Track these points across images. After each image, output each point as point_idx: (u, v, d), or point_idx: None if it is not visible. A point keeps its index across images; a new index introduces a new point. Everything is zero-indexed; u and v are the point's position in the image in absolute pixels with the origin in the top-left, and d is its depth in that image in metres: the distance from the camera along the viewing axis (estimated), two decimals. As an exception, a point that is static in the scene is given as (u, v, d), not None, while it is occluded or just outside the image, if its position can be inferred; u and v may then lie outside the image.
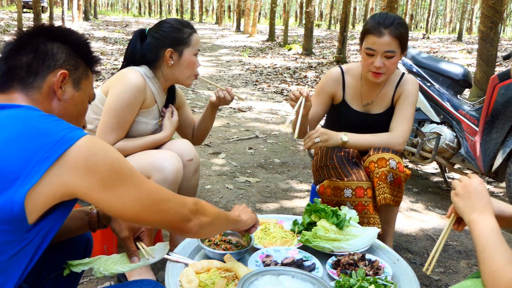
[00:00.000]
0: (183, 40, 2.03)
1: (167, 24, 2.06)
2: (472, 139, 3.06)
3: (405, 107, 2.17)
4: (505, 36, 26.93)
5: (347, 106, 2.26)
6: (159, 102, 2.10)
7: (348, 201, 2.00)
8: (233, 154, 4.16)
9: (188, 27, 2.07)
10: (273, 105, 6.66)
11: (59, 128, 0.94)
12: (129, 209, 1.00)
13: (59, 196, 0.93)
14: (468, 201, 1.15)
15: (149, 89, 2.02)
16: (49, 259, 1.25)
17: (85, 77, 1.15)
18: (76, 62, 1.12)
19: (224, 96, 2.20)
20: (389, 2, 8.23)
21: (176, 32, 2.03)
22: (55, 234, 0.99)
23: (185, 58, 2.04)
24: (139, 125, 2.02)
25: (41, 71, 1.06)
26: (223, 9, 33.39)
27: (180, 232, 1.13)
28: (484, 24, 5.51)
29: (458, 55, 13.37)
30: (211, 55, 13.44)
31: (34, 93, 1.05)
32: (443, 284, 2.18)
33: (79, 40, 1.14)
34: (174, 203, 1.09)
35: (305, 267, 1.55)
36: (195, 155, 2.07)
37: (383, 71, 2.06)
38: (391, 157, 1.99)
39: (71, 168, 0.91)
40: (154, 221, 1.07)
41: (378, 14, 2.08)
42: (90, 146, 0.94)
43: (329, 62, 11.74)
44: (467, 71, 3.34)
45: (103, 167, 0.95)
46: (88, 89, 1.17)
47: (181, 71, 2.07)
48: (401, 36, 2.03)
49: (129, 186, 0.99)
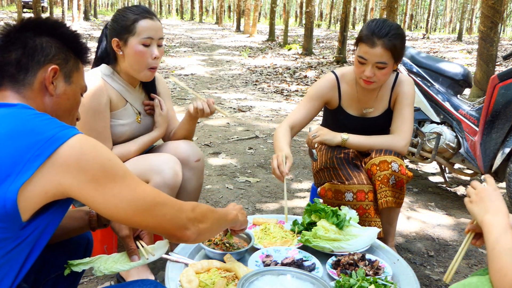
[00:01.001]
0: (127, 27, 1.81)
1: (118, 12, 1.87)
2: (472, 139, 3.06)
3: (404, 108, 2.16)
4: (505, 36, 26.91)
5: (344, 112, 2.24)
6: (131, 99, 1.97)
7: (349, 204, 2.00)
8: (233, 154, 4.16)
9: (135, 13, 1.82)
10: (273, 105, 6.66)
11: (51, 126, 0.94)
12: (121, 211, 0.98)
13: (52, 194, 0.92)
14: (482, 205, 1.16)
15: (112, 89, 1.90)
16: (49, 259, 1.25)
17: (75, 70, 1.13)
18: (66, 56, 1.10)
19: (202, 108, 1.97)
20: (389, 2, 8.23)
21: (121, 19, 1.83)
22: (52, 233, 0.99)
23: (130, 48, 1.82)
24: (115, 128, 1.93)
25: (31, 67, 1.04)
26: (223, 9, 33.39)
27: (177, 239, 1.10)
28: (484, 24, 5.51)
29: (458, 55, 13.37)
30: (211, 55, 13.43)
31: (26, 90, 1.04)
32: (443, 284, 2.18)
33: (67, 32, 1.12)
34: (171, 208, 1.06)
35: (305, 267, 1.55)
36: (201, 155, 2.05)
37: (374, 80, 2.04)
38: (393, 160, 1.99)
39: (63, 167, 0.91)
40: (149, 225, 1.04)
41: (374, 22, 2.03)
42: (81, 145, 0.94)
43: (329, 62, 11.74)
44: (467, 71, 3.34)
45: (95, 166, 0.93)
46: (79, 81, 1.15)
47: (130, 63, 1.86)
48: (394, 48, 1.98)
49: (122, 187, 0.97)
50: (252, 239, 1.72)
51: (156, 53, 1.85)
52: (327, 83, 2.22)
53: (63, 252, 1.29)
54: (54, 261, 1.27)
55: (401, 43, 2.02)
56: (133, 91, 1.98)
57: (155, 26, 1.85)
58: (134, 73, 1.89)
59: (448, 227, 2.82)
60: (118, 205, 0.97)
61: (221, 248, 1.66)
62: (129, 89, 1.96)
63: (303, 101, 2.23)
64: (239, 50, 14.93)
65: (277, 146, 2.03)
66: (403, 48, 2.05)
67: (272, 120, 5.70)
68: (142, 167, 1.87)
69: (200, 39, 18.77)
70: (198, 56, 12.71)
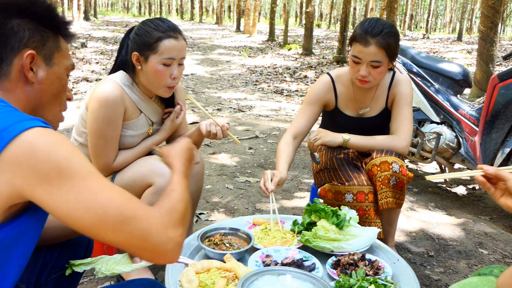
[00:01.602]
0: (150, 45, 1.77)
1: (143, 25, 1.83)
2: (472, 139, 3.06)
3: (404, 108, 2.15)
4: (505, 36, 26.92)
5: (341, 113, 2.24)
6: (146, 110, 1.95)
7: (349, 205, 2.00)
8: (233, 154, 4.16)
9: (160, 31, 1.77)
10: (273, 105, 6.66)
11: (7, 119, 0.83)
12: (77, 220, 0.83)
13: (6, 196, 0.82)
14: None
15: (129, 99, 1.87)
16: (50, 260, 1.25)
17: (56, 50, 1.01)
18: (43, 36, 0.98)
19: (216, 133, 1.94)
20: (389, 2, 8.24)
21: (145, 35, 1.79)
22: (31, 243, 0.91)
23: (150, 66, 1.79)
24: (125, 139, 1.90)
25: (5, 55, 0.94)
26: (223, 9, 33.38)
27: (153, 259, 0.92)
28: (484, 24, 5.51)
29: (458, 55, 13.37)
30: (211, 55, 13.43)
31: (3, 82, 0.94)
32: (443, 284, 2.18)
33: (41, 9, 0.99)
34: (142, 223, 0.86)
35: (305, 267, 1.55)
36: (200, 157, 2.04)
37: (369, 79, 2.04)
38: (394, 161, 1.98)
39: (13, 165, 0.80)
40: (114, 242, 0.86)
41: (368, 21, 2.03)
42: (36, 139, 0.82)
43: (329, 62, 11.74)
44: (467, 71, 3.34)
45: (47, 165, 0.81)
46: (63, 61, 1.03)
47: (148, 80, 1.84)
48: (387, 47, 1.98)
49: (80, 191, 0.82)
50: (252, 239, 1.72)
51: (176, 73, 1.81)
52: (322, 86, 2.22)
53: (63, 253, 1.29)
54: (55, 262, 1.26)
55: (395, 41, 2.02)
56: (149, 101, 1.95)
57: (179, 46, 1.80)
58: (152, 88, 1.87)
59: (448, 227, 2.82)
60: (72, 213, 0.82)
61: (221, 248, 1.66)
62: (145, 99, 1.93)
63: (302, 108, 2.24)
64: (239, 50, 14.93)
65: (276, 162, 2.08)
66: (397, 46, 2.05)
67: (272, 120, 5.70)
68: (144, 170, 1.86)
69: (200, 39, 18.76)
70: (198, 56, 12.71)
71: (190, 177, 1.97)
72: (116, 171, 1.93)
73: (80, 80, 7.68)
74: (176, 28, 1.82)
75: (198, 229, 1.83)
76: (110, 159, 1.87)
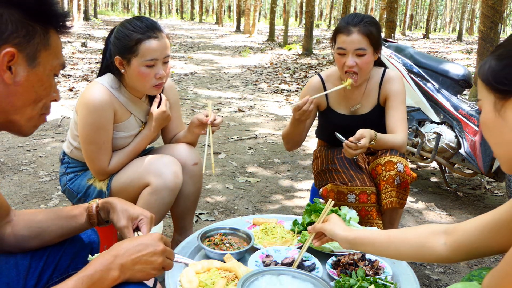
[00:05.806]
0: (130, 49, 1.73)
1: (121, 27, 1.78)
2: (472, 139, 3.06)
3: (399, 107, 2.15)
4: (505, 36, 26.91)
5: (333, 112, 2.26)
6: (135, 110, 1.94)
7: (351, 206, 2.00)
8: (233, 154, 4.16)
9: (139, 32, 1.73)
10: (273, 105, 6.66)
11: None
12: None
13: None
14: None
15: (117, 101, 1.85)
16: (51, 263, 1.23)
17: (44, 48, 0.88)
18: (29, 31, 0.85)
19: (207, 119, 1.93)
20: (389, 2, 8.24)
21: (124, 38, 1.74)
22: None
23: (133, 69, 1.76)
24: (117, 141, 1.91)
25: None
26: (223, 9, 33.39)
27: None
28: (484, 24, 5.51)
29: (458, 55, 13.37)
30: (211, 55, 13.43)
31: None
32: (443, 284, 2.18)
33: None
34: None
35: (305, 267, 1.55)
36: (199, 158, 2.04)
37: (356, 70, 2.05)
38: (399, 160, 1.98)
39: None
40: None
41: (348, 15, 2.10)
42: None
43: (329, 62, 11.73)
44: (467, 71, 3.34)
45: None
46: (50, 61, 0.91)
47: (133, 82, 1.82)
48: (370, 34, 2.02)
49: None
50: (252, 239, 1.72)
51: (161, 73, 1.79)
52: (312, 87, 2.25)
53: (66, 256, 1.27)
54: (57, 266, 1.25)
55: (377, 30, 2.07)
56: (138, 102, 1.95)
57: (160, 46, 1.76)
58: (139, 89, 1.86)
59: (448, 227, 2.82)
60: None
61: (221, 248, 1.66)
62: (134, 100, 1.92)
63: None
64: (239, 50, 14.93)
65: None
66: (379, 36, 2.10)
67: (272, 120, 5.69)
68: (141, 170, 1.86)
69: (200, 39, 18.76)
70: (198, 56, 12.71)
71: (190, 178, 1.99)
72: (113, 174, 1.93)
73: (80, 80, 7.68)
74: (155, 27, 1.77)
75: (198, 229, 1.83)
76: (104, 163, 1.87)
